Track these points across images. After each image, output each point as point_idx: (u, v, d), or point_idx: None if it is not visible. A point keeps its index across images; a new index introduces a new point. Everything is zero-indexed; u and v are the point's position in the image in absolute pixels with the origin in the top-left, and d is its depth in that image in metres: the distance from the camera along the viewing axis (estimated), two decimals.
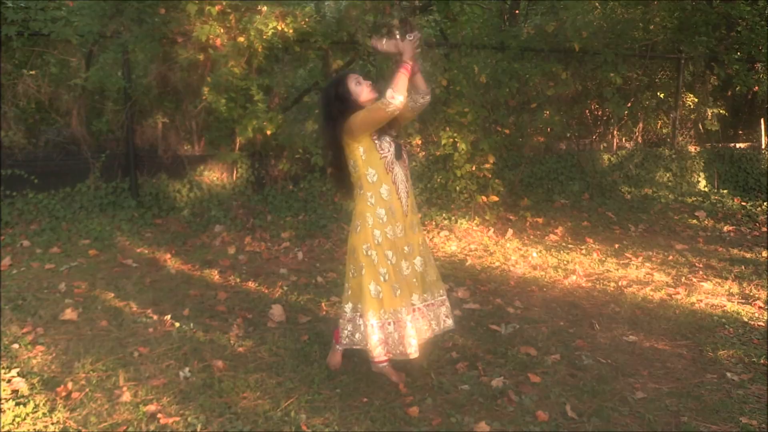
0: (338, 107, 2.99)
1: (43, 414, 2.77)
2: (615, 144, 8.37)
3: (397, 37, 2.92)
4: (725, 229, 6.68)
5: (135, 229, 5.63)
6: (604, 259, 5.48)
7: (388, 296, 2.98)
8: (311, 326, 3.85)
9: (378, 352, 3.03)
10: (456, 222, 6.28)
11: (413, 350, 3.00)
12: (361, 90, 3.00)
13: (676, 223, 6.87)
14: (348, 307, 3.08)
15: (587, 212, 6.99)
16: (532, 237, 6.17)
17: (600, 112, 8.22)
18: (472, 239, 6.01)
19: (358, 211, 3.03)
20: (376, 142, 2.99)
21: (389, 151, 3.00)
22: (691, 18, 7.91)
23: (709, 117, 8.64)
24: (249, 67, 5.72)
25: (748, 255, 5.69)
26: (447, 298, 3.24)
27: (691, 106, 8.60)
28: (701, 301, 4.43)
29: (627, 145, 8.48)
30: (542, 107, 6.97)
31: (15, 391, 2.94)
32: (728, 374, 3.31)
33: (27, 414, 2.76)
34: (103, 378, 3.11)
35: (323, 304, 4.23)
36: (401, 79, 2.81)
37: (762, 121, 9.08)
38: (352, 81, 3.01)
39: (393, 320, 3.00)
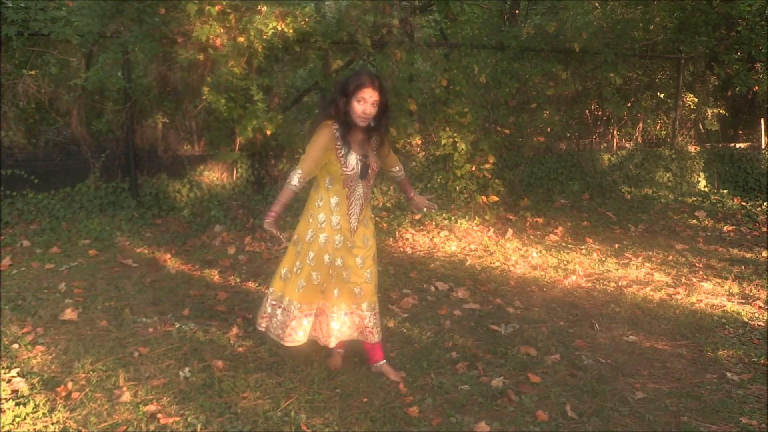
0: (333, 102, 2.93)
1: (43, 414, 2.77)
2: (615, 144, 8.37)
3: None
4: (725, 229, 6.68)
5: (135, 229, 5.63)
6: (604, 259, 5.48)
7: (291, 286, 3.08)
8: None
9: (259, 321, 3.22)
10: (456, 222, 6.28)
11: (290, 340, 3.09)
12: (357, 109, 2.87)
13: (676, 223, 6.87)
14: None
15: (587, 212, 6.99)
16: (532, 237, 6.17)
17: (600, 112, 8.22)
18: (472, 239, 6.01)
19: (306, 206, 3.11)
20: (342, 158, 2.94)
21: (353, 169, 2.95)
22: (691, 18, 7.91)
23: (709, 117, 8.65)
24: (249, 67, 5.72)
25: (748, 255, 5.69)
26: (375, 313, 3.15)
27: (691, 106, 8.60)
28: (701, 301, 4.44)
29: (627, 145, 8.48)
30: (542, 107, 6.96)
31: (15, 391, 2.94)
32: (728, 374, 3.32)
33: (27, 414, 2.76)
34: (103, 378, 3.11)
35: None
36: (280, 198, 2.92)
37: (762, 121, 9.08)
38: (361, 95, 2.85)
39: (283, 308, 3.10)
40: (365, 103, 2.86)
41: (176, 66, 5.85)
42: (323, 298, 3.10)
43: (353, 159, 2.96)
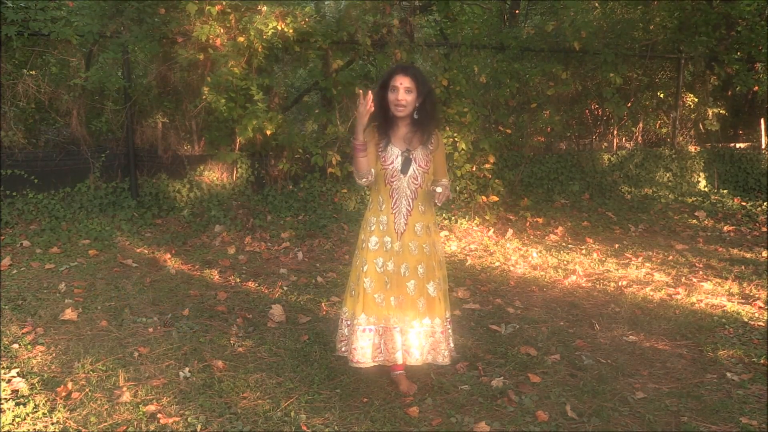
0: (378, 97, 2.83)
1: (43, 414, 2.77)
2: (615, 144, 8.37)
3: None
4: (725, 229, 6.68)
5: (135, 229, 5.63)
6: (604, 259, 5.48)
7: (354, 300, 2.92)
8: (311, 326, 3.85)
9: (338, 346, 3.05)
10: (456, 222, 6.28)
11: (355, 361, 2.89)
12: (391, 97, 2.79)
13: (676, 223, 6.87)
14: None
15: (587, 212, 6.99)
16: (532, 237, 6.17)
17: (600, 112, 8.22)
18: (472, 239, 6.01)
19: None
20: (381, 153, 2.85)
21: (392, 163, 2.83)
22: (691, 18, 7.92)
23: (709, 117, 8.64)
24: (249, 67, 5.72)
25: (748, 255, 5.69)
26: (443, 331, 2.94)
27: (691, 106, 8.60)
28: (701, 301, 4.43)
29: (627, 145, 8.48)
30: (542, 107, 6.96)
31: (15, 391, 2.94)
32: (728, 374, 3.31)
33: (27, 414, 2.76)
34: (103, 378, 3.11)
35: (323, 304, 4.24)
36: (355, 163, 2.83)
37: (762, 121, 9.08)
38: (392, 84, 2.79)
39: (350, 322, 2.93)
40: (397, 91, 2.77)
41: (176, 66, 5.86)
42: (385, 310, 2.87)
43: (393, 153, 2.84)
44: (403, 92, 2.77)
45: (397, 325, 2.87)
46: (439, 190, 2.78)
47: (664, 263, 5.39)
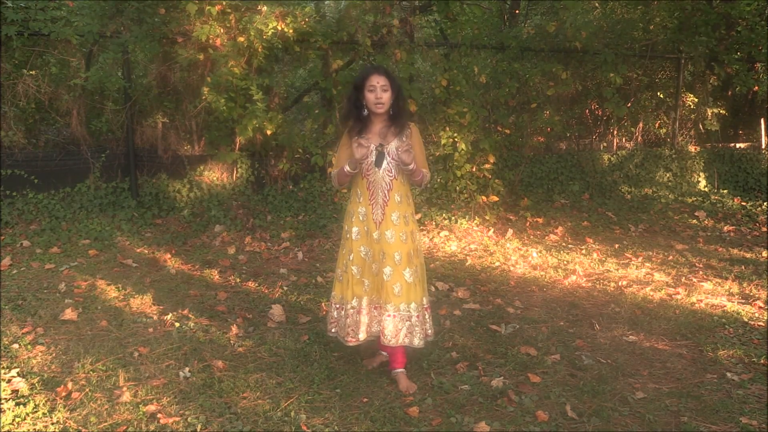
0: (348, 101, 3.09)
1: (43, 414, 2.77)
2: (615, 144, 8.37)
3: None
4: (725, 229, 6.68)
5: (135, 229, 5.63)
6: (604, 259, 5.48)
7: (344, 285, 3.13)
8: (311, 326, 3.85)
9: (329, 327, 3.24)
10: (456, 222, 6.28)
11: (352, 340, 3.09)
12: (370, 97, 2.99)
13: (676, 223, 6.87)
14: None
15: (587, 212, 6.99)
16: (532, 237, 6.17)
17: (600, 112, 8.22)
18: (472, 239, 6.01)
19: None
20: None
21: (367, 158, 3.01)
22: (691, 18, 7.92)
23: (709, 117, 8.64)
24: (249, 67, 5.72)
25: (748, 255, 5.69)
26: (418, 315, 3.05)
27: (691, 106, 8.60)
28: (701, 301, 4.43)
29: (627, 145, 8.48)
30: (542, 107, 6.96)
31: (15, 391, 2.94)
32: (728, 374, 3.31)
33: (27, 414, 2.76)
34: (103, 378, 3.11)
35: (323, 304, 4.24)
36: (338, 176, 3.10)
37: (762, 121, 9.08)
38: (369, 84, 2.98)
39: (344, 308, 3.13)
40: (375, 89, 2.97)
41: (176, 66, 5.86)
42: (372, 292, 3.08)
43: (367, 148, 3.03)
44: (381, 90, 2.97)
45: (376, 303, 3.08)
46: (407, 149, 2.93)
47: (664, 263, 5.39)
